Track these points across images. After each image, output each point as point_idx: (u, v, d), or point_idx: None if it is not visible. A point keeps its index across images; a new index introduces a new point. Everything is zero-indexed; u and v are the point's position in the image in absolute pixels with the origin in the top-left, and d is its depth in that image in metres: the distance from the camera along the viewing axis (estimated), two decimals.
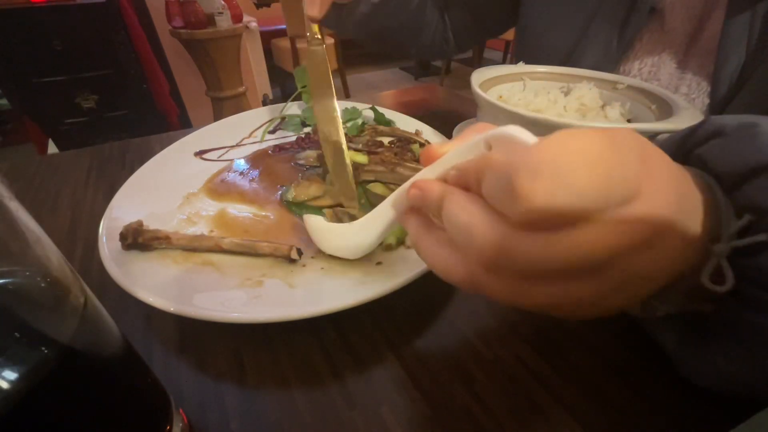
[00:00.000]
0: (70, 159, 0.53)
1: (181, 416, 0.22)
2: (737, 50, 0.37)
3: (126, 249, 0.31)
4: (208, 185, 0.43)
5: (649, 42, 0.46)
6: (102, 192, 0.45)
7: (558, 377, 0.25)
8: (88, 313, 0.16)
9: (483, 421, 0.23)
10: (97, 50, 1.64)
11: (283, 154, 0.48)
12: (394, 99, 0.73)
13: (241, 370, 0.26)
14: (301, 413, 0.24)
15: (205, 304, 0.27)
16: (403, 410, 0.24)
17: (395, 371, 0.26)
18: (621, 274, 0.16)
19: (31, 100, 1.62)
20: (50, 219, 0.41)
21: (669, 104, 0.39)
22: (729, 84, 0.38)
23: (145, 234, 0.32)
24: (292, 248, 0.32)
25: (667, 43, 0.45)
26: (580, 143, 0.15)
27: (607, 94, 0.44)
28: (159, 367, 0.26)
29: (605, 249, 0.15)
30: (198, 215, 0.38)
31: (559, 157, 0.14)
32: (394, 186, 0.40)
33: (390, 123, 0.52)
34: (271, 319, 0.26)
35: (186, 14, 1.68)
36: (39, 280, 0.14)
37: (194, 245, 0.32)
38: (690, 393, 0.24)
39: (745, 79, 0.37)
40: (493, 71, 0.48)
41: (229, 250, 0.32)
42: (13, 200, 0.13)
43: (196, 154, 0.47)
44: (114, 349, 0.17)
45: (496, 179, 0.16)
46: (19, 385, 0.12)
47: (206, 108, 2.07)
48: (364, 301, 0.27)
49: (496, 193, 0.16)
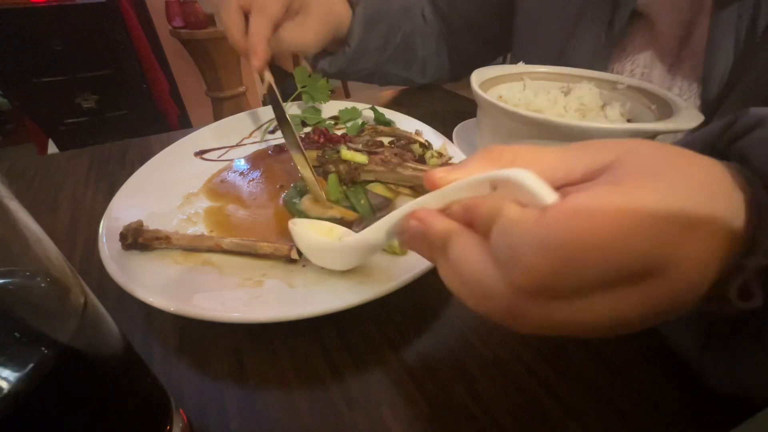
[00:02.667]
0: (70, 159, 0.53)
1: (181, 416, 0.22)
2: (725, 52, 0.38)
3: (126, 249, 0.31)
4: (208, 185, 0.43)
5: (640, 44, 0.47)
6: (102, 192, 0.45)
7: (558, 377, 0.25)
8: (88, 313, 0.16)
9: (483, 421, 0.23)
10: (97, 50, 1.64)
11: (283, 154, 0.48)
12: (394, 99, 0.72)
13: (241, 370, 0.26)
14: (301, 413, 0.24)
15: (205, 304, 0.27)
16: (403, 410, 0.24)
17: (395, 371, 0.26)
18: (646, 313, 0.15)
19: (31, 100, 1.62)
20: (50, 219, 0.41)
21: (669, 104, 0.39)
22: (719, 85, 0.39)
23: (145, 234, 0.32)
24: (292, 248, 0.31)
25: (657, 46, 0.45)
26: (598, 223, 0.14)
27: (607, 94, 0.44)
28: (159, 367, 0.26)
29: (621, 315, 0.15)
30: (198, 215, 0.38)
31: (572, 240, 0.14)
32: (394, 186, 0.40)
33: (390, 123, 0.52)
34: (271, 319, 0.26)
35: (186, 14, 1.68)
36: (39, 280, 0.14)
37: (194, 245, 0.32)
38: (690, 393, 0.24)
39: (735, 81, 0.38)
40: (493, 71, 0.48)
41: (229, 250, 0.32)
42: (13, 200, 0.13)
43: (196, 154, 0.47)
44: (114, 349, 0.17)
45: (504, 238, 0.15)
46: (19, 385, 0.12)
47: (206, 108, 2.06)
48: (364, 301, 0.27)
49: (502, 252, 0.16)
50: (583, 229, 0.14)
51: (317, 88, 0.56)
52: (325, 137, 0.47)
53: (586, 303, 0.15)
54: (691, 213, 0.14)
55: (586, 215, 0.14)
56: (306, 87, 0.55)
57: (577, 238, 0.14)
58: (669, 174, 0.15)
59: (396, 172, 0.38)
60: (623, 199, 0.14)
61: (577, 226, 0.14)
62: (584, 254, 0.14)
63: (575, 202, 0.14)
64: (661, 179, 0.15)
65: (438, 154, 0.43)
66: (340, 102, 0.57)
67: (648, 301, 0.15)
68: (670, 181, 0.15)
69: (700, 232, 0.14)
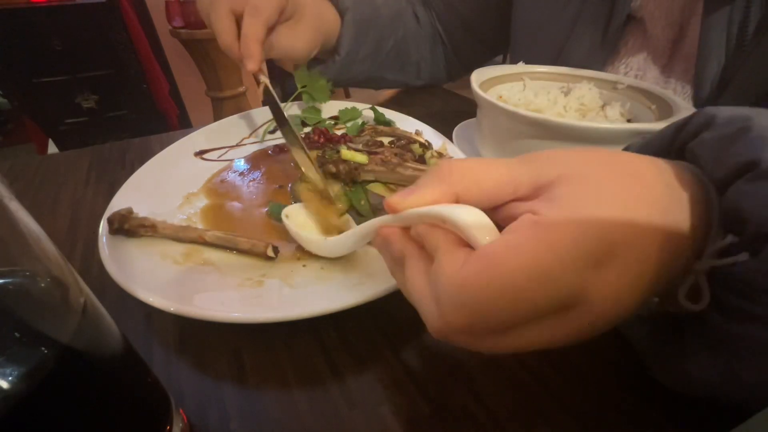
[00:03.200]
0: (70, 159, 0.53)
1: (181, 416, 0.22)
2: (716, 54, 0.38)
3: (113, 234, 0.32)
4: (208, 185, 0.43)
5: (633, 47, 0.47)
6: (102, 192, 0.45)
7: (558, 377, 0.25)
8: (88, 313, 0.16)
9: (483, 421, 0.23)
10: (97, 50, 1.64)
11: (282, 154, 0.48)
12: (393, 99, 0.72)
13: (241, 370, 0.26)
14: (301, 413, 0.24)
15: (205, 304, 0.27)
16: (403, 410, 0.24)
17: (395, 371, 0.26)
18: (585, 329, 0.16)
19: (31, 100, 1.62)
20: (50, 219, 0.41)
21: (669, 104, 0.39)
22: (711, 87, 0.39)
23: (132, 221, 0.32)
24: (268, 246, 0.32)
25: (650, 49, 0.46)
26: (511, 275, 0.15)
27: (607, 94, 0.44)
28: (159, 367, 0.26)
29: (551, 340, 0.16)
30: (198, 215, 0.38)
31: (485, 295, 0.15)
32: (394, 186, 0.40)
33: (390, 123, 0.52)
34: (271, 319, 0.26)
35: (186, 14, 1.68)
36: (39, 280, 0.14)
37: (179, 235, 0.33)
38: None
39: (726, 82, 0.38)
40: (493, 71, 0.48)
41: (211, 243, 0.33)
42: (13, 200, 0.13)
43: (196, 154, 0.47)
44: (114, 349, 0.17)
45: (434, 284, 0.17)
46: (20, 385, 0.12)
47: (206, 108, 2.06)
48: (364, 301, 0.27)
49: (434, 294, 0.17)
50: (495, 282, 0.15)
51: (317, 88, 0.56)
52: (325, 137, 0.47)
53: (512, 334, 0.16)
54: (612, 242, 0.15)
55: (500, 267, 0.15)
56: (306, 87, 0.55)
57: (490, 292, 0.15)
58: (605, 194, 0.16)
59: (396, 172, 0.38)
60: (538, 244, 0.15)
61: (490, 279, 0.15)
62: (497, 305, 0.15)
63: (493, 250, 0.15)
64: (595, 201, 0.16)
65: (438, 154, 0.43)
66: (340, 102, 0.57)
67: (572, 328, 0.16)
68: (604, 203, 0.16)
69: (618, 261, 0.15)
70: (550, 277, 0.15)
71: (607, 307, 0.15)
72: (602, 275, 0.15)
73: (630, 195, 0.16)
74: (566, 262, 0.15)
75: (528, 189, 0.18)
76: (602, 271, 0.15)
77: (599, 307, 0.15)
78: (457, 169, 0.19)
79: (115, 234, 0.32)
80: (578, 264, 0.15)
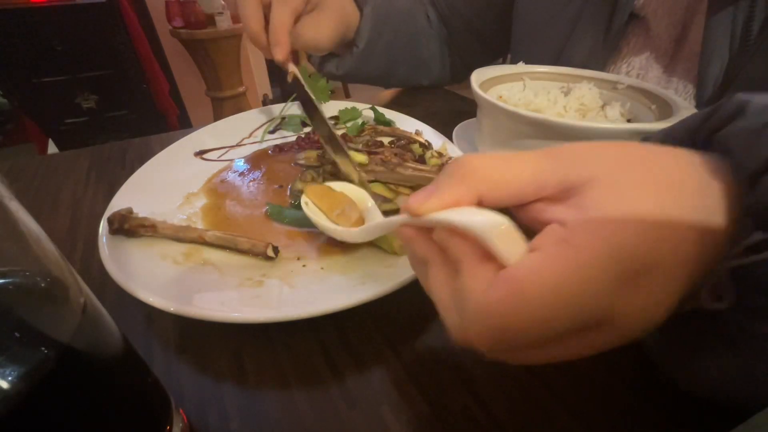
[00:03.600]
0: (70, 159, 0.53)
1: (181, 416, 0.22)
2: (720, 53, 0.38)
3: (113, 234, 0.32)
4: (208, 185, 0.43)
5: (636, 46, 0.47)
6: (102, 192, 0.45)
7: (559, 377, 0.25)
8: (88, 313, 0.16)
9: (483, 421, 0.23)
10: (97, 50, 1.64)
11: (282, 154, 0.48)
12: (394, 99, 0.72)
13: (241, 370, 0.26)
14: (301, 413, 0.24)
15: (205, 304, 0.27)
16: (403, 410, 0.24)
17: (395, 371, 0.26)
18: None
19: (31, 100, 1.62)
20: (50, 219, 0.41)
21: (669, 104, 0.39)
22: (714, 87, 0.39)
23: (132, 221, 0.32)
24: (268, 246, 0.32)
25: (653, 48, 0.46)
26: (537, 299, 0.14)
27: (607, 94, 0.44)
28: (159, 367, 0.26)
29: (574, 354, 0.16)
30: (198, 215, 0.38)
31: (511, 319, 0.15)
32: (394, 186, 0.40)
33: (390, 123, 0.52)
34: (271, 319, 0.26)
35: (186, 14, 1.68)
36: (39, 280, 0.14)
37: (179, 235, 0.33)
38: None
39: (729, 81, 0.38)
40: (493, 71, 0.48)
41: (211, 243, 0.33)
42: (13, 200, 0.13)
43: (196, 154, 0.47)
44: (114, 349, 0.17)
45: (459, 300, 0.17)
46: (19, 385, 0.12)
47: (206, 108, 2.07)
48: (364, 301, 0.27)
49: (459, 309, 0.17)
50: (522, 310, 0.15)
51: (317, 88, 0.56)
52: None
53: (535, 351, 0.16)
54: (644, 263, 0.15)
55: (526, 294, 0.14)
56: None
57: (515, 320, 0.15)
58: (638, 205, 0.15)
59: (396, 172, 0.38)
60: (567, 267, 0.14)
61: (516, 307, 0.15)
62: (522, 330, 0.15)
63: (519, 275, 0.15)
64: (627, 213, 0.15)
65: (438, 154, 0.43)
66: (340, 102, 0.57)
67: (598, 343, 0.16)
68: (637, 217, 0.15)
69: (649, 280, 0.15)
70: (578, 304, 0.14)
71: (634, 325, 0.15)
72: (631, 296, 0.15)
73: (665, 207, 0.15)
74: (595, 288, 0.14)
75: (555, 189, 0.17)
76: (632, 291, 0.15)
77: (627, 325, 0.15)
78: (480, 167, 0.18)
79: (115, 234, 0.32)
80: (608, 288, 0.14)
